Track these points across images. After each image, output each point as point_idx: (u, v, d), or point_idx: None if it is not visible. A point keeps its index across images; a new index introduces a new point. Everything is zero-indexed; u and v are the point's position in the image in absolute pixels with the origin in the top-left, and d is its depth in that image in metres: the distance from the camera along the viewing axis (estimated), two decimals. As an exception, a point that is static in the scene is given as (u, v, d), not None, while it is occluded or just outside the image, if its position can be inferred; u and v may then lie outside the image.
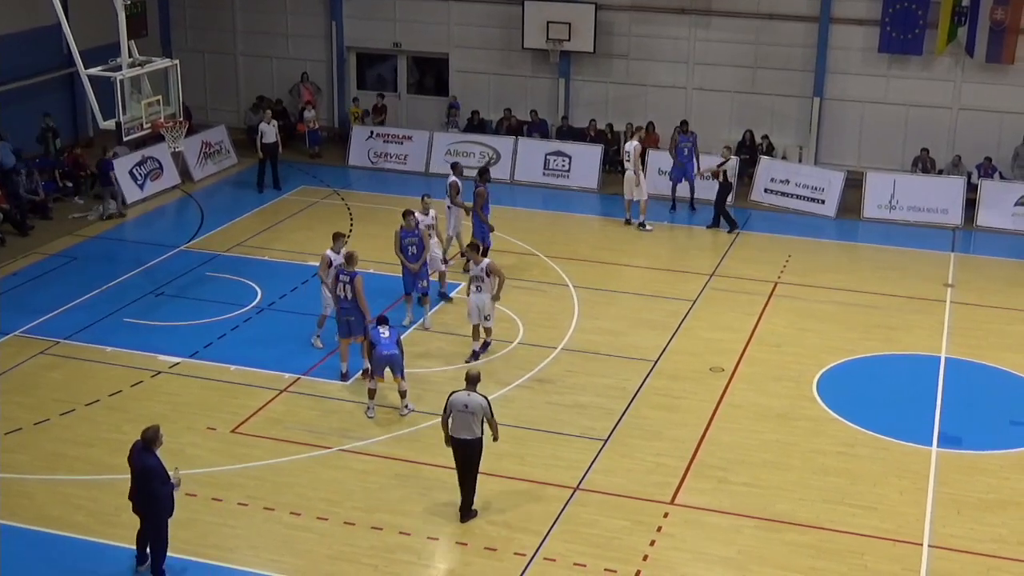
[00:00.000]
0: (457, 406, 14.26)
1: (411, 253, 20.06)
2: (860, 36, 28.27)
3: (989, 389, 18.67)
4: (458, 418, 14.27)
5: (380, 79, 32.94)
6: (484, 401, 14.31)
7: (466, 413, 14.23)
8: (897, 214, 26.61)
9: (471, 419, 14.22)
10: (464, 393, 14.31)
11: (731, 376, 18.70)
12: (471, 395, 14.28)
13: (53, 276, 22.59)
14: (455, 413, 14.28)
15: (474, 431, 14.27)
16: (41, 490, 15.18)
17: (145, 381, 18.22)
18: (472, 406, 14.22)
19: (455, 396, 14.30)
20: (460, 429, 14.29)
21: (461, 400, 14.26)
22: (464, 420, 14.24)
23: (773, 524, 14.67)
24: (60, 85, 30.15)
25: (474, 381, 14.41)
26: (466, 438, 14.30)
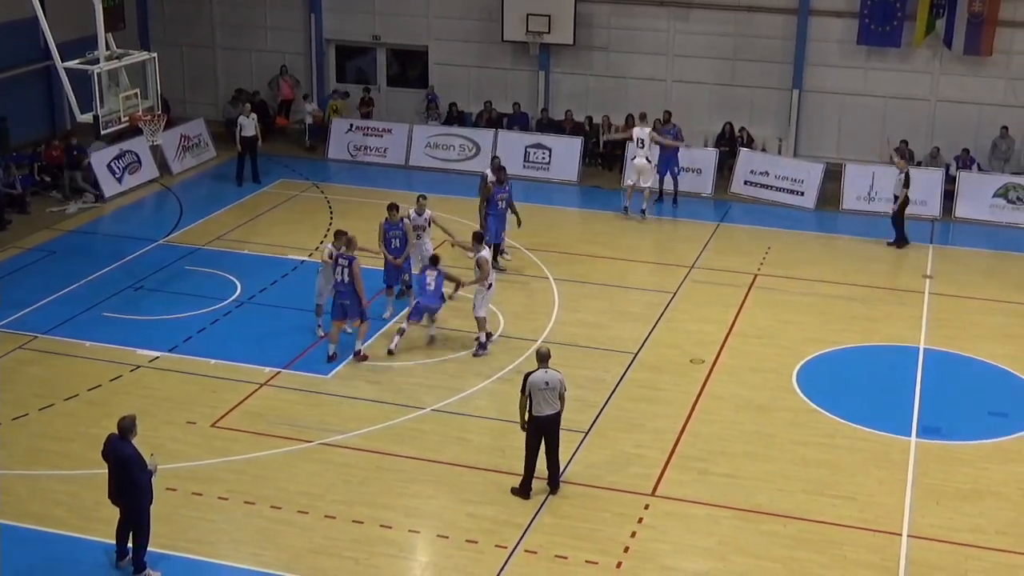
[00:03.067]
0: (539, 385, 14.56)
1: (394, 246, 20.06)
2: (839, 28, 28.34)
3: (967, 380, 18.77)
4: (540, 396, 14.57)
5: (359, 72, 32.86)
6: (561, 375, 14.77)
7: (547, 390, 14.59)
8: (876, 206, 26.69)
9: (552, 395, 14.63)
10: (542, 371, 14.62)
11: (711, 368, 18.75)
12: (548, 372, 14.64)
13: (31, 270, 22.47)
14: (537, 392, 14.55)
15: (555, 406, 14.69)
16: (20, 485, 15.10)
17: (124, 376, 18.15)
18: (552, 383, 14.62)
19: (534, 376, 14.58)
20: (544, 406, 14.61)
21: (541, 379, 14.59)
22: (547, 397, 14.60)
23: (753, 515, 14.72)
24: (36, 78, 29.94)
25: (546, 358, 14.74)
26: (550, 414, 14.67)
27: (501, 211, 22.40)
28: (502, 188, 22.43)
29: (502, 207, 22.39)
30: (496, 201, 22.28)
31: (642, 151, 25.48)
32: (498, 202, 22.30)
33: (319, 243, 23.86)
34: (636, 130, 25.71)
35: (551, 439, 14.87)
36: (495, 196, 22.32)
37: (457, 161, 29.06)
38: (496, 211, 22.31)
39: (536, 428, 14.73)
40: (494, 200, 22.30)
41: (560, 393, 14.73)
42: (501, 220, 22.43)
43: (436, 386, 17.88)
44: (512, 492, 14.95)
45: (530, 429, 14.77)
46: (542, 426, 14.72)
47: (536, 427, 14.72)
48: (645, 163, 25.50)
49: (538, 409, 14.63)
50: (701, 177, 27.87)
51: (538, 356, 14.83)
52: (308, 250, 23.49)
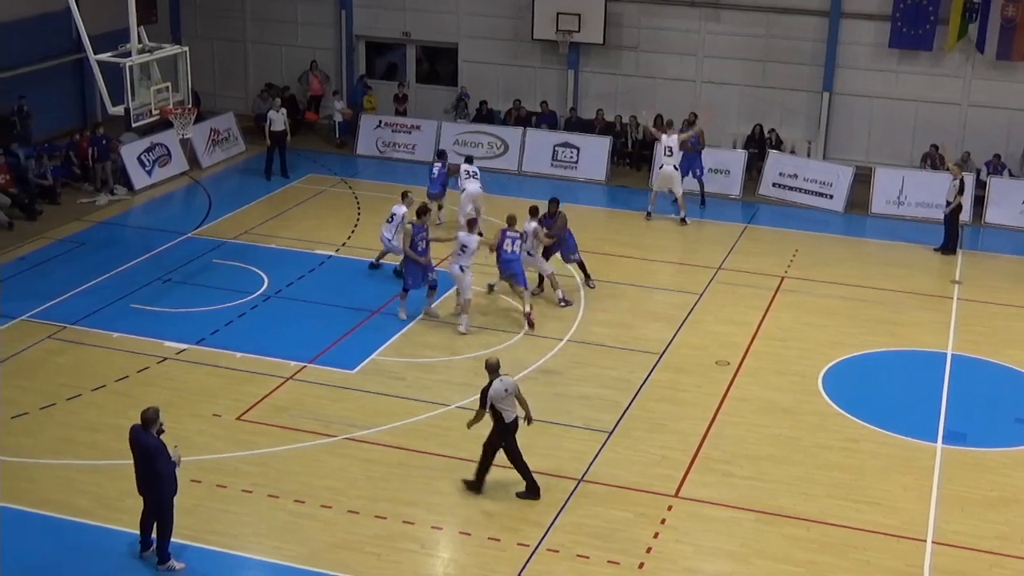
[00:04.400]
0: (500, 395, 14.57)
1: (420, 248, 20.00)
2: (870, 31, 28.20)
3: (995, 386, 18.64)
4: (505, 404, 14.62)
5: (389, 68, 32.92)
6: (514, 380, 14.91)
7: (508, 397, 14.65)
8: (905, 210, 26.55)
9: (512, 401, 14.72)
10: (498, 382, 14.59)
11: (737, 370, 18.69)
12: (503, 380, 14.65)
13: (61, 261, 22.63)
14: (500, 401, 14.56)
15: (516, 409, 14.81)
16: (46, 474, 15.22)
17: (151, 367, 18.25)
18: (511, 388, 14.68)
19: (494, 389, 14.53)
20: (510, 412, 14.70)
21: (500, 389, 14.59)
22: (511, 403, 14.69)
23: (776, 518, 14.68)
24: (69, 71, 30.15)
25: (497, 368, 14.73)
26: (515, 418, 14.76)
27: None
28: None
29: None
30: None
31: (669, 159, 25.37)
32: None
33: (347, 238, 23.95)
34: (664, 137, 25.63)
35: (514, 442, 14.90)
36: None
37: (485, 159, 29.04)
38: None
39: (506, 433, 14.71)
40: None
41: (517, 395, 14.78)
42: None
43: (461, 383, 17.89)
44: (518, 496, 14.90)
45: (497, 436, 14.74)
46: (511, 430, 14.74)
47: (506, 432, 14.70)
48: (672, 171, 25.39)
49: (507, 416, 14.65)
50: (729, 179, 27.79)
51: (489, 368, 14.71)
52: (335, 245, 23.57)
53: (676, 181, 25.44)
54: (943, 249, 24.23)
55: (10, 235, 23.79)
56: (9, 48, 27.77)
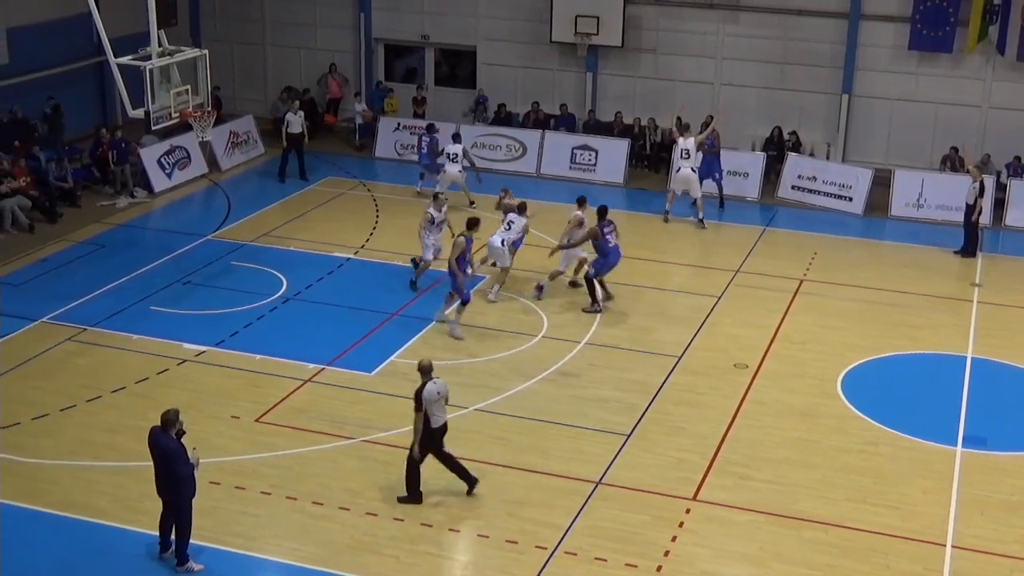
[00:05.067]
0: (433, 397, 14.34)
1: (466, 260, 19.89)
2: (890, 33, 28.11)
3: (1015, 390, 18.55)
4: (435, 407, 14.41)
5: (408, 71, 32.98)
6: (446, 382, 14.68)
7: (440, 400, 14.46)
8: (925, 212, 26.46)
9: (443, 405, 14.55)
10: (431, 384, 14.38)
11: (755, 373, 18.66)
12: (436, 382, 14.45)
13: (81, 263, 22.74)
14: (432, 404, 14.34)
15: (446, 413, 14.63)
16: (66, 475, 15.30)
17: (171, 369, 18.33)
18: (443, 391, 14.49)
19: (427, 390, 14.30)
20: (440, 417, 14.50)
21: (434, 391, 14.37)
22: (441, 407, 14.50)
23: (795, 522, 14.64)
24: (89, 74, 30.32)
25: (430, 370, 14.49)
26: (443, 423, 14.58)
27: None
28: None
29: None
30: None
31: (687, 161, 25.37)
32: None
33: (365, 241, 24.01)
34: (680, 140, 25.61)
35: (442, 447, 14.72)
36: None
37: (504, 161, 29.07)
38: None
39: (431, 439, 14.52)
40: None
41: (446, 399, 14.62)
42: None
43: (479, 385, 17.91)
44: (400, 501, 14.73)
45: (426, 441, 14.51)
46: (437, 437, 14.56)
47: (431, 438, 14.52)
48: (690, 173, 25.37)
49: (435, 420, 14.44)
50: (748, 181, 27.75)
51: (422, 369, 14.47)
52: (354, 248, 23.62)
53: (694, 183, 25.41)
54: (963, 252, 24.13)
55: (31, 237, 23.93)
56: (31, 51, 27.93)
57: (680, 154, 25.51)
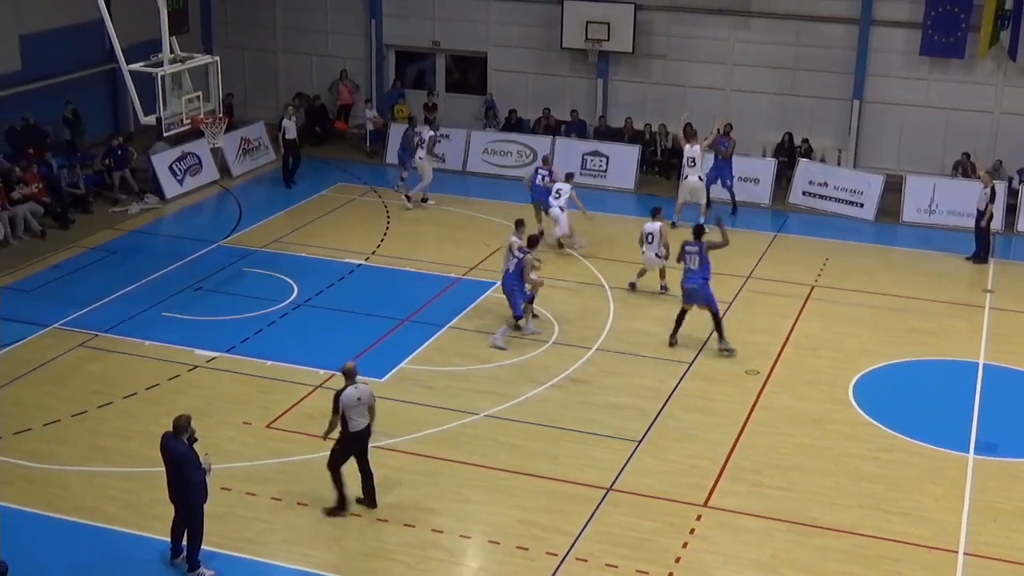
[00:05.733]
0: (351, 402, 14.22)
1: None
2: (901, 39, 28.07)
3: (1028, 396, 18.51)
4: (354, 412, 14.27)
5: (419, 77, 33.02)
6: (370, 388, 14.50)
7: (360, 405, 14.28)
8: (936, 218, 26.41)
9: (364, 410, 14.37)
10: (352, 388, 14.27)
11: (766, 379, 18.62)
12: (358, 387, 14.32)
13: (93, 269, 22.80)
14: (351, 408, 14.23)
15: (367, 419, 14.46)
16: (77, 481, 15.33)
17: (182, 375, 18.35)
18: (364, 397, 14.32)
19: (345, 394, 14.21)
20: (359, 421, 14.36)
21: (353, 395, 14.23)
22: (360, 412, 14.33)
23: (806, 528, 14.60)
24: (101, 81, 30.42)
25: (353, 374, 14.38)
26: (363, 428, 14.43)
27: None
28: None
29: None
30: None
31: (693, 170, 25.32)
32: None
33: (376, 247, 24.03)
34: (687, 148, 25.59)
35: (364, 453, 14.59)
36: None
37: (514, 168, 29.09)
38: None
39: (350, 443, 14.44)
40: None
41: (370, 406, 14.41)
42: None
43: (490, 392, 17.91)
44: (328, 514, 14.62)
45: (344, 446, 14.45)
46: (356, 441, 14.45)
47: (350, 443, 14.44)
48: (697, 182, 25.33)
49: (354, 425, 14.32)
50: (759, 187, 27.72)
51: (345, 373, 14.38)
52: (365, 254, 23.64)
53: (700, 191, 25.40)
54: (975, 258, 24.07)
55: (43, 243, 24.00)
56: (43, 58, 28.04)
57: (687, 162, 25.49)
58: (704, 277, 19.38)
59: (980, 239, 24.10)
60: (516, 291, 19.52)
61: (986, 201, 23.91)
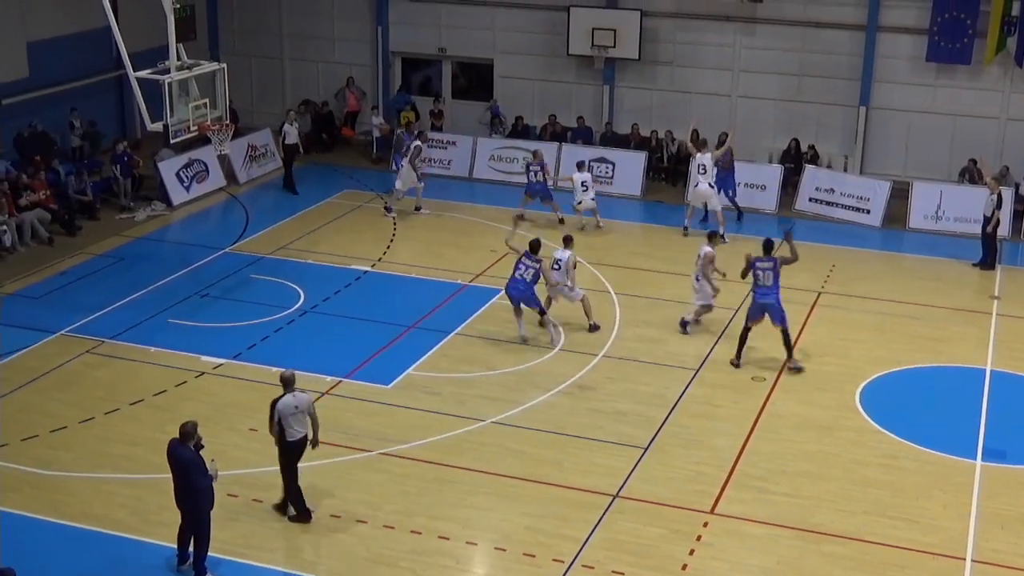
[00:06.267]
0: (288, 410, 14.16)
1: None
2: (908, 45, 28.06)
3: (1035, 403, 18.47)
4: (292, 420, 14.23)
5: (425, 84, 33.06)
6: (309, 397, 14.53)
7: (297, 413, 14.25)
8: (943, 225, 26.38)
9: (303, 418, 14.34)
10: (290, 396, 14.23)
11: (773, 386, 18.61)
12: (296, 395, 14.28)
13: (100, 276, 22.84)
14: (288, 417, 14.19)
15: (305, 427, 14.41)
16: (85, 487, 15.35)
17: (189, 382, 18.38)
18: (302, 405, 14.28)
19: (282, 402, 14.17)
20: (297, 429, 14.29)
21: (291, 403, 14.17)
22: (298, 420, 14.29)
23: (813, 535, 14.58)
24: (109, 87, 30.49)
25: (291, 382, 14.33)
26: (301, 436, 14.39)
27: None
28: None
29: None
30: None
31: (704, 176, 25.31)
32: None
33: (382, 253, 24.05)
34: (698, 156, 25.57)
35: (297, 462, 14.52)
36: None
37: (521, 174, 29.09)
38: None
39: (288, 453, 14.39)
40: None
41: (311, 415, 14.38)
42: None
43: (496, 398, 17.92)
44: (291, 520, 14.58)
45: (283, 456, 14.40)
46: (294, 449, 14.39)
47: (288, 452, 14.39)
48: (707, 188, 25.33)
49: (291, 433, 14.23)
50: (765, 193, 27.71)
51: (283, 381, 14.34)
52: (371, 260, 23.67)
53: (712, 197, 25.39)
54: (982, 264, 24.04)
55: (50, 250, 24.05)
56: (50, 65, 28.10)
57: (697, 169, 25.47)
58: (778, 294, 19.05)
59: (987, 245, 24.08)
60: (532, 296, 19.80)
61: (993, 207, 23.89)
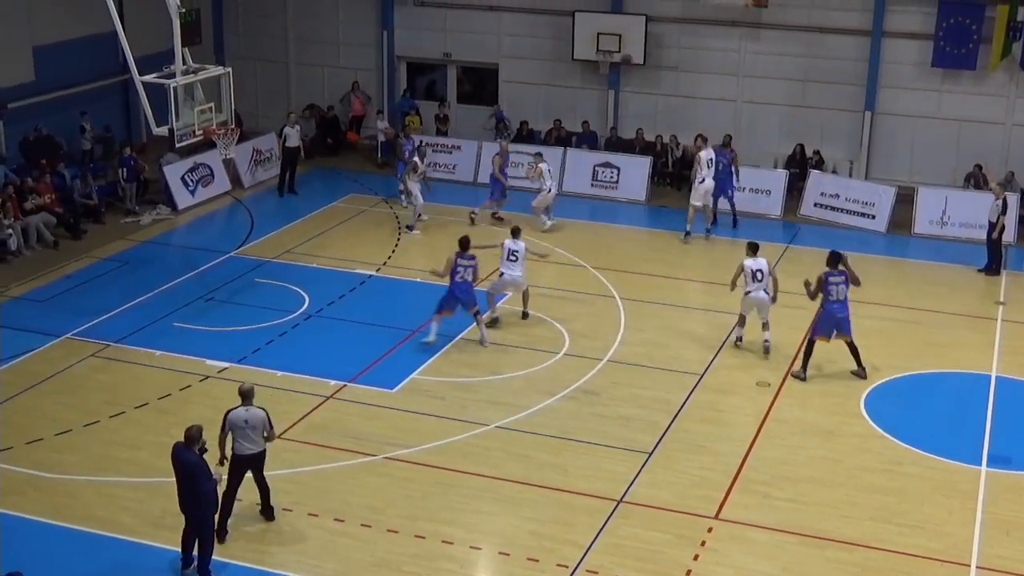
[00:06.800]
0: (238, 423, 13.93)
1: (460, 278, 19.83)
2: (913, 50, 28.03)
3: (1040, 409, 18.42)
4: (240, 434, 13.98)
5: (430, 88, 33.08)
6: (264, 414, 14.11)
7: (247, 428, 13.96)
8: (949, 230, 26.35)
9: (254, 434, 14.01)
10: (242, 409, 14.01)
11: (777, 391, 18.58)
12: (249, 410, 14.02)
13: (105, 280, 22.86)
14: (236, 430, 13.97)
15: (258, 444, 14.08)
16: (88, 491, 15.35)
17: (193, 385, 18.38)
18: (253, 420, 13.97)
19: (233, 414, 13.98)
20: (245, 444, 14.01)
21: (241, 417, 13.95)
22: (247, 435, 14.00)
23: (818, 541, 14.55)
24: (114, 92, 30.53)
25: (248, 396, 14.12)
26: (252, 452, 14.08)
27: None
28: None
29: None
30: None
31: (710, 172, 25.41)
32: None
33: (387, 258, 24.06)
34: (703, 152, 25.58)
35: (259, 476, 14.31)
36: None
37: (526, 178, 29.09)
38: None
39: (236, 466, 14.11)
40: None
41: (264, 432, 14.03)
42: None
43: (501, 403, 17.90)
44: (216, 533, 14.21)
45: (231, 467, 14.15)
46: (243, 465, 14.11)
47: (236, 465, 14.10)
48: (712, 183, 25.48)
49: (239, 447, 13.99)
50: (770, 198, 27.69)
51: (240, 393, 14.11)
52: (376, 264, 23.67)
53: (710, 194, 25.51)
54: (987, 270, 24.01)
55: (55, 254, 24.08)
56: (56, 69, 28.14)
57: (705, 164, 25.43)
58: (849, 307, 18.84)
59: (992, 251, 24.05)
60: (474, 296, 20.01)
61: (998, 213, 23.87)
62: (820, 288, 18.87)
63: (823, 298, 18.85)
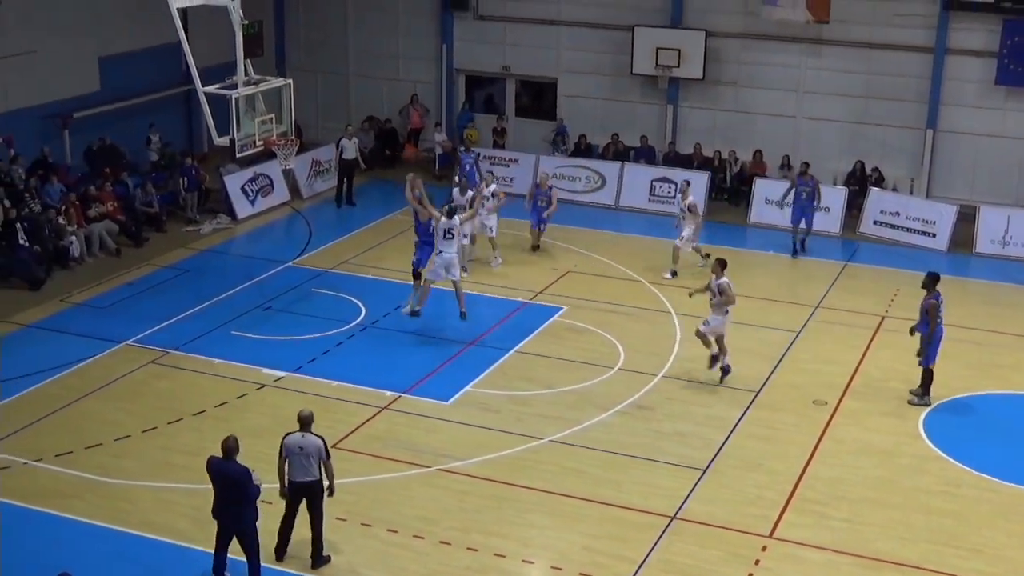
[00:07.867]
0: (292, 448, 13.64)
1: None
2: (976, 68, 27.72)
3: (1103, 433, 18.10)
4: (295, 460, 13.67)
5: (489, 102, 33.18)
6: (321, 443, 13.74)
7: (301, 455, 13.68)
8: (1011, 250, 26.00)
9: (308, 461, 13.68)
10: (298, 435, 13.74)
11: (834, 410, 18.41)
12: (305, 436, 13.73)
13: (165, 287, 23.14)
14: (291, 456, 13.72)
15: (312, 473, 13.72)
16: (146, 496, 15.53)
17: (250, 394, 18.54)
18: (308, 448, 13.63)
19: (289, 439, 13.74)
20: (298, 472, 13.70)
21: (296, 443, 13.64)
22: (301, 463, 13.67)
23: (873, 563, 14.39)
24: (177, 102, 30.94)
25: (307, 423, 13.81)
26: (307, 480, 13.74)
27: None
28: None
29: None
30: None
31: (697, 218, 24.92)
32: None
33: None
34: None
35: (313, 509, 13.92)
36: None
37: (583, 193, 29.13)
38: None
39: (291, 494, 13.82)
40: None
41: (320, 460, 13.66)
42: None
43: (555, 417, 17.89)
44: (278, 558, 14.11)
45: (287, 494, 13.88)
46: (298, 492, 13.79)
47: (292, 492, 13.80)
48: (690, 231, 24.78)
49: (292, 474, 13.67)
50: (829, 216, 27.43)
51: (299, 419, 13.76)
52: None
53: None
54: None
55: (117, 261, 24.42)
56: (121, 79, 28.58)
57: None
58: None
59: None
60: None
61: None
62: (935, 315, 18.40)
63: (934, 324, 18.38)
